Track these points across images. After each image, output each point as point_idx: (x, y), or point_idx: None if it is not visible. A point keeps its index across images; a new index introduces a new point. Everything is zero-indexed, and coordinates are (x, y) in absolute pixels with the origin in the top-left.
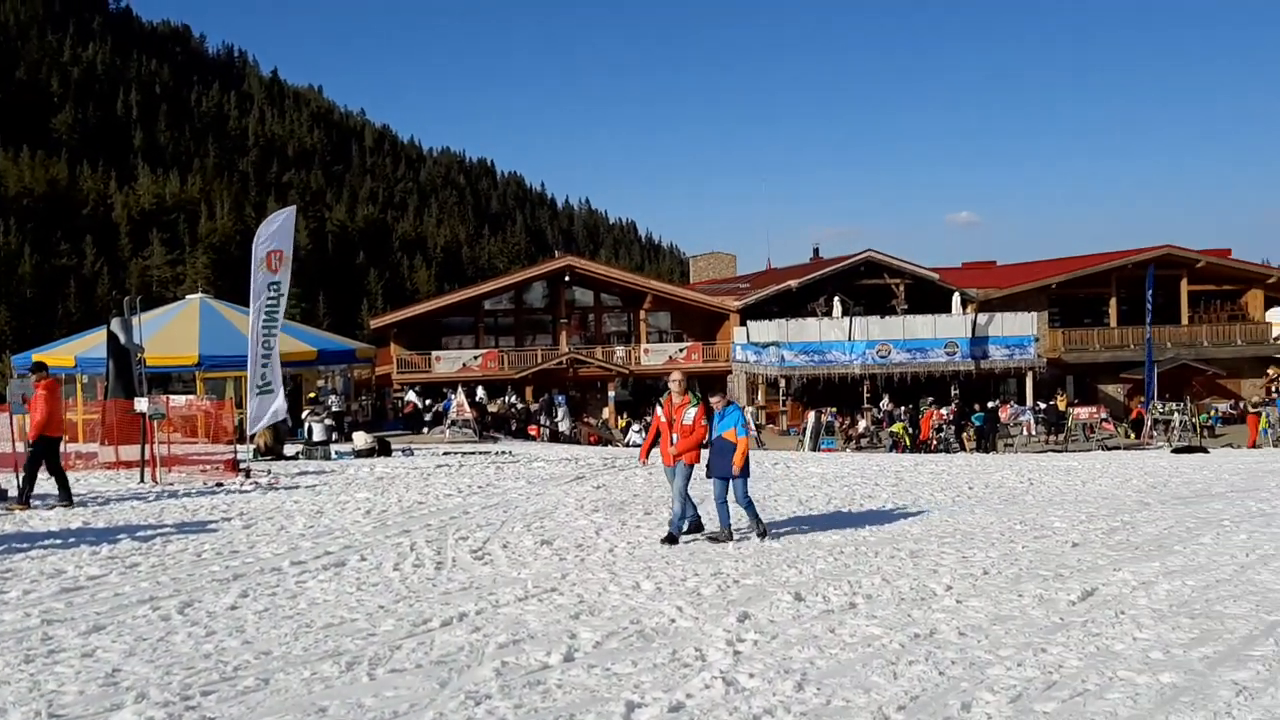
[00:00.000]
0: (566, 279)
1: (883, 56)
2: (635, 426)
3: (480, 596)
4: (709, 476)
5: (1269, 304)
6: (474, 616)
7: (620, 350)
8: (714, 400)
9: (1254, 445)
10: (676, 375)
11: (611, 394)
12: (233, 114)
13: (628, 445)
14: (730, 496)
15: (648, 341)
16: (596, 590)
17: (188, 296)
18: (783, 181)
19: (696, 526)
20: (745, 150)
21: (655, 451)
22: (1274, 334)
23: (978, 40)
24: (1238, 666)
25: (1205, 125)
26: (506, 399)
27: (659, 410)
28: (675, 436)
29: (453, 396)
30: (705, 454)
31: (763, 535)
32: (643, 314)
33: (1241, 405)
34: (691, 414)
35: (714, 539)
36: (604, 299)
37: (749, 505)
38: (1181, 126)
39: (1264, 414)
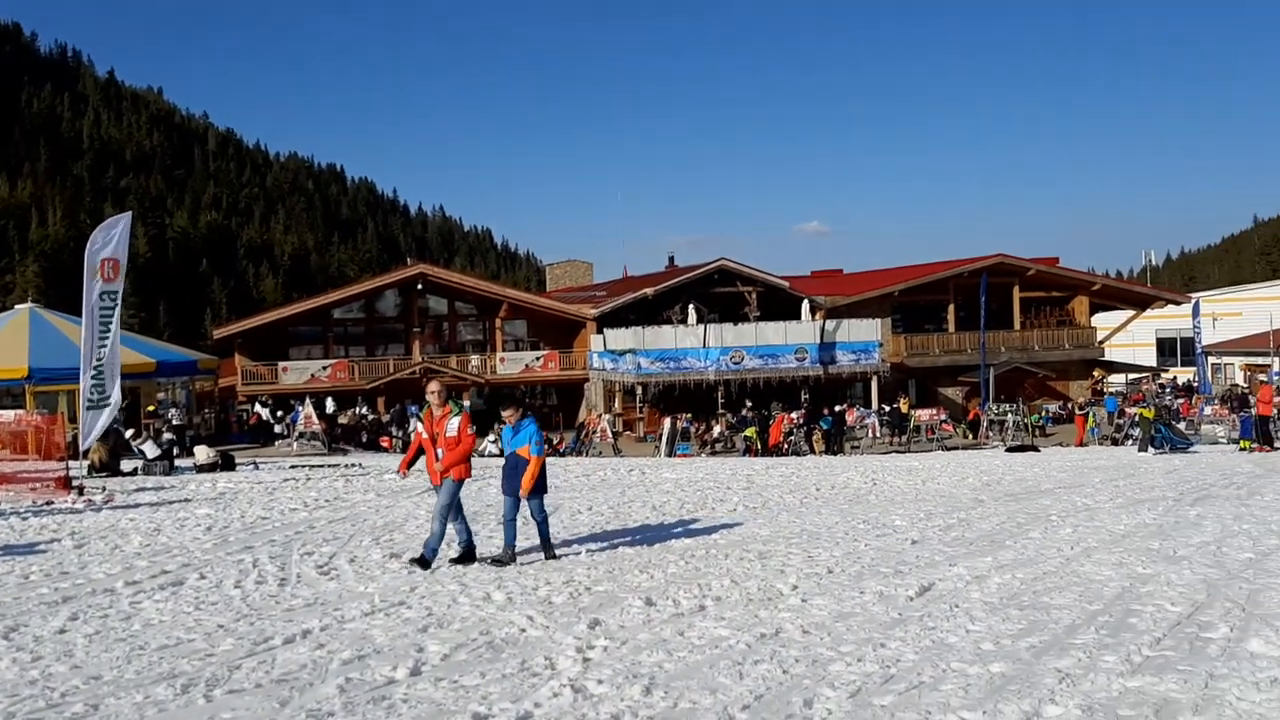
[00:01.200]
0: (420, 287)
1: (732, 67)
2: (490, 436)
3: (325, 612)
4: (503, 493)
5: (1094, 309)
6: (318, 633)
7: (475, 359)
8: (506, 414)
9: (1081, 443)
10: (434, 386)
11: (466, 404)
12: (66, 116)
13: (482, 455)
14: (525, 513)
15: (504, 350)
16: (446, 602)
17: (16, 306)
18: (637, 190)
19: (470, 554)
20: (599, 158)
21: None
22: (1099, 338)
23: (825, 53)
24: (1061, 655)
25: (1034, 139)
26: (357, 410)
27: (419, 426)
28: (440, 451)
29: (300, 408)
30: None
31: (549, 557)
32: (499, 322)
33: (1070, 406)
34: (455, 424)
35: (497, 561)
36: (459, 307)
37: (542, 524)
38: (1013, 139)
39: (1090, 414)
